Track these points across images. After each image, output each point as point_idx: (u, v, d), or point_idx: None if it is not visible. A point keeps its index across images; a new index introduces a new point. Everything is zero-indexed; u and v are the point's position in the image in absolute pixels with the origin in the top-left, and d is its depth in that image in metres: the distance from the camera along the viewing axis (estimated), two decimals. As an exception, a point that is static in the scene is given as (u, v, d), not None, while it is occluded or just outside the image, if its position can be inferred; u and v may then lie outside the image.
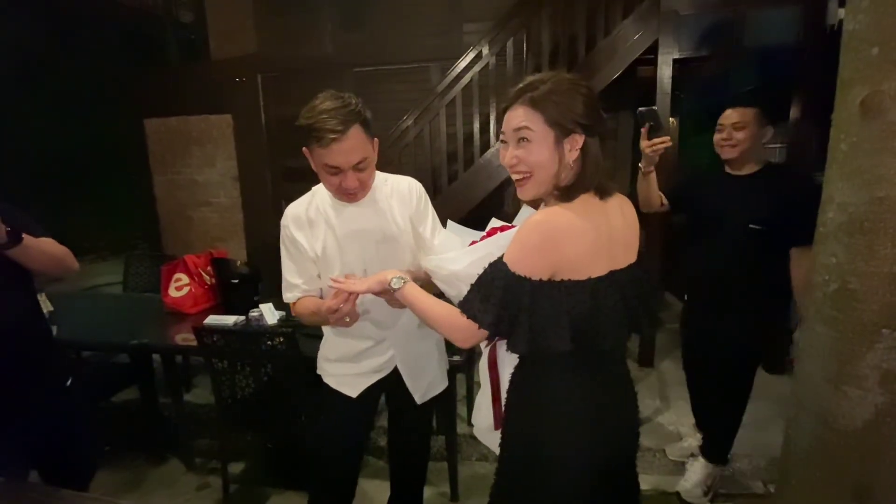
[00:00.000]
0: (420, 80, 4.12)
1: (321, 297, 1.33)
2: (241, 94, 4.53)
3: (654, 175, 1.84)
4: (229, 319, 2.15)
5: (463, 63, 3.36)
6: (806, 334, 1.41)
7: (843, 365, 1.24)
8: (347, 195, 1.21)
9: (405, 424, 1.54)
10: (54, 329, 1.72)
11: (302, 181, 1.45)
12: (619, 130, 4.11)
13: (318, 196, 1.31)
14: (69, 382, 1.44)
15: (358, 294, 1.09)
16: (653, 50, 3.04)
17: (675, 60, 2.98)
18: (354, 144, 1.12)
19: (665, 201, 1.97)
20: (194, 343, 1.90)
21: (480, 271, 0.92)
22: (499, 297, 0.87)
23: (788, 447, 1.50)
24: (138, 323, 2.39)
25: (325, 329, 1.43)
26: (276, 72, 4.41)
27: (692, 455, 2.28)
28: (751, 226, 1.72)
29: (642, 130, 1.71)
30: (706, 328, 1.95)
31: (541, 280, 0.87)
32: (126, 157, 5.14)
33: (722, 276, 1.82)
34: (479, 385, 1.16)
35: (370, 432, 1.60)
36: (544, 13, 3.27)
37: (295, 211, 1.31)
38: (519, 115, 0.92)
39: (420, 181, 1.43)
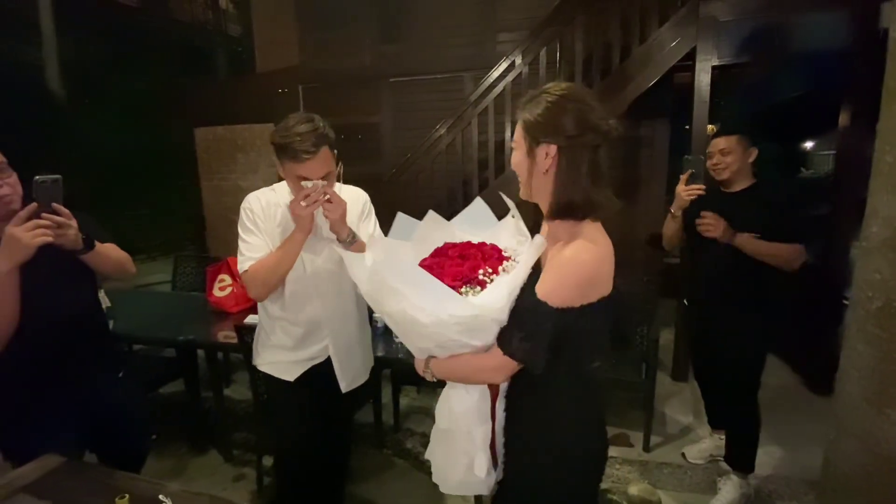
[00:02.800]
0: (453, 89, 4.20)
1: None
2: (284, 104, 4.75)
3: (680, 217, 2.02)
4: (267, 319, 2.26)
5: (496, 73, 3.40)
6: (847, 353, 1.36)
7: (886, 386, 1.20)
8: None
9: (328, 413, 1.59)
10: (111, 323, 1.87)
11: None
12: (655, 139, 4.04)
13: (279, 192, 1.47)
14: (121, 374, 1.56)
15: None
16: (690, 57, 2.99)
17: (713, 67, 2.91)
18: (323, 162, 1.31)
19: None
20: (235, 340, 2.02)
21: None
22: (547, 331, 0.90)
23: (828, 471, 1.45)
24: (185, 320, 2.54)
25: (261, 316, 1.54)
26: (317, 83, 4.60)
27: (711, 456, 2.35)
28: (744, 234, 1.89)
29: (682, 176, 1.93)
30: (709, 329, 2.10)
31: (581, 306, 0.91)
32: (177, 164, 5.49)
33: (722, 281, 1.97)
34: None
35: (322, 420, 1.58)
36: (578, 21, 3.27)
37: (257, 196, 1.47)
38: (517, 129, 1.01)
39: (451, 188, 1.54)
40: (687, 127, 3.08)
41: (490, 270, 0.96)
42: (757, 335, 1.97)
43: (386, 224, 1.44)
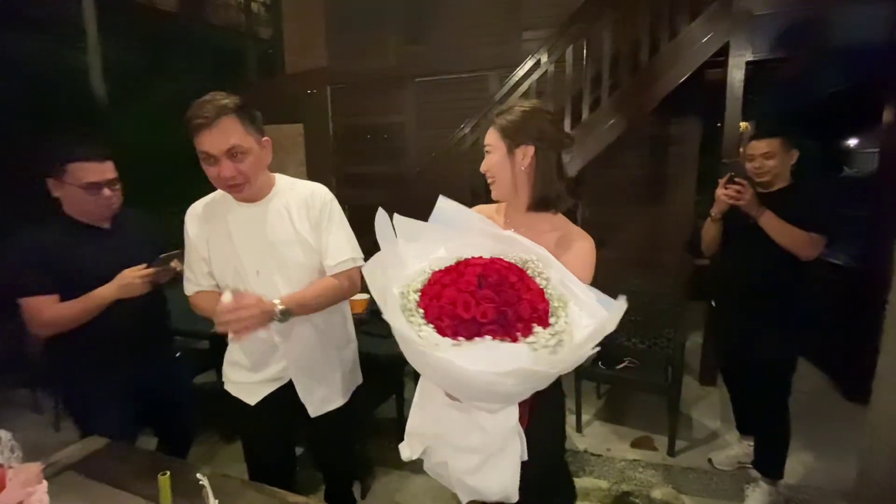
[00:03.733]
0: (479, 88, 4.20)
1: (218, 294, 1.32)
2: (312, 105, 4.86)
3: (720, 221, 1.99)
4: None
5: (521, 71, 3.39)
6: (884, 359, 1.31)
7: (923, 393, 1.15)
8: (229, 187, 1.21)
9: (315, 432, 1.47)
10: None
11: (362, 186, 1.57)
12: (685, 137, 3.93)
13: (220, 195, 1.33)
14: (178, 354, 1.83)
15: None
16: (723, 52, 2.90)
17: (747, 63, 2.82)
18: (224, 132, 1.15)
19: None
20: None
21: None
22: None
23: (862, 482, 1.40)
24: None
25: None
26: (344, 83, 4.68)
27: (739, 463, 2.29)
28: None
29: (720, 180, 1.90)
30: (738, 332, 2.04)
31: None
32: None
33: (753, 282, 1.93)
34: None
35: (294, 441, 1.54)
36: (606, 18, 3.22)
37: (193, 207, 1.36)
38: (489, 133, 1.14)
39: (476, 187, 1.48)
40: (719, 125, 3.00)
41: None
42: (788, 338, 1.92)
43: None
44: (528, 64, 3.36)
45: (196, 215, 1.35)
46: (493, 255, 0.92)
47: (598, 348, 0.83)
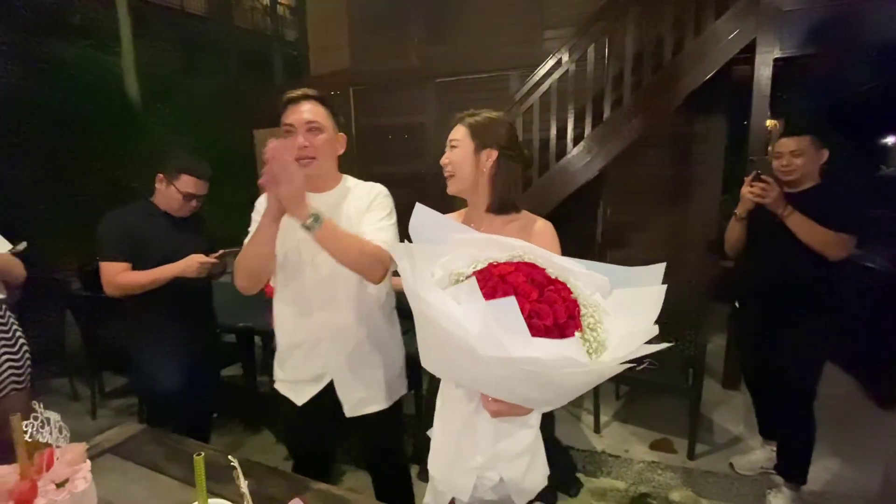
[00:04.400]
0: (500, 88, 4.21)
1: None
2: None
3: (745, 220, 1.97)
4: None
5: (542, 71, 3.38)
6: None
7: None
8: (300, 159, 1.26)
9: (361, 434, 1.48)
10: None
11: (384, 185, 1.59)
12: (710, 136, 3.86)
13: None
14: (218, 331, 2.20)
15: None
16: (750, 49, 2.84)
17: (775, 60, 2.75)
18: (308, 109, 1.30)
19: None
20: (288, 328, 2.16)
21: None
22: None
23: (888, 491, 1.37)
24: (243, 308, 2.73)
25: (276, 325, 1.43)
26: (366, 85, 4.76)
27: (762, 468, 2.24)
28: None
29: (747, 178, 1.87)
30: (762, 334, 2.00)
31: None
32: (237, 164, 5.85)
33: (780, 283, 1.89)
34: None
35: (336, 443, 1.55)
36: (629, 16, 3.19)
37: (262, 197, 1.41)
38: (455, 130, 1.22)
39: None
40: (745, 123, 2.94)
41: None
42: (815, 342, 1.88)
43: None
44: (550, 63, 3.35)
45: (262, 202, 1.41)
46: (477, 260, 0.93)
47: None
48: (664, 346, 0.83)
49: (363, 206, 1.36)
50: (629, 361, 0.81)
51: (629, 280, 0.94)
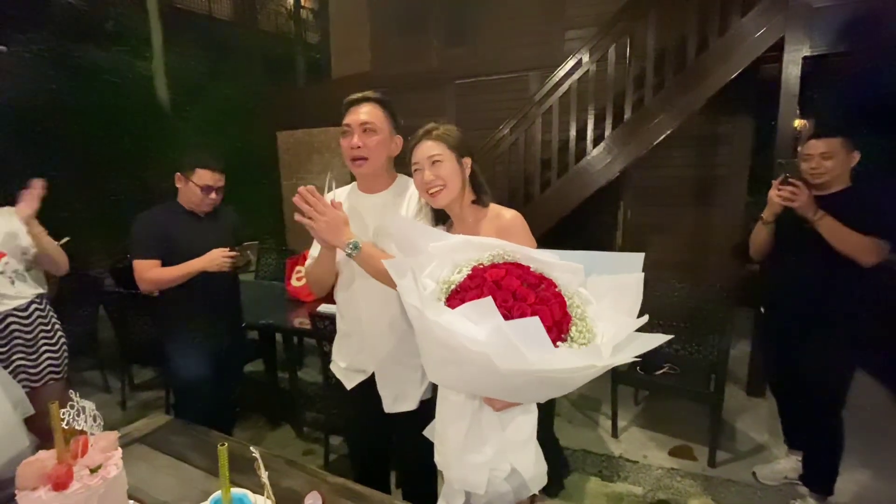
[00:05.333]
0: (519, 89, 4.20)
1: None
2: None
3: (772, 224, 1.93)
4: (337, 309, 2.45)
5: (562, 71, 3.36)
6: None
7: None
8: (354, 160, 1.35)
9: (397, 428, 1.51)
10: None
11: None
12: (736, 136, 3.77)
13: (349, 189, 1.50)
14: (244, 325, 2.26)
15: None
16: (778, 47, 2.77)
17: (805, 58, 2.68)
18: (366, 111, 1.35)
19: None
20: (308, 327, 2.21)
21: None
22: None
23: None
24: (265, 306, 2.81)
25: (337, 316, 1.53)
26: (386, 87, 4.79)
27: (786, 478, 2.19)
28: None
29: (775, 181, 1.83)
30: (789, 340, 1.96)
31: None
32: (262, 165, 5.99)
33: (808, 287, 1.85)
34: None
35: (379, 430, 1.56)
36: (652, 15, 3.14)
37: (333, 195, 1.46)
38: (429, 146, 1.25)
39: (512, 189, 1.51)
40: (773, 123, 2.86)
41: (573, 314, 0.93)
42: (844, 348, 1.83)
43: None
44: (570, 63, 3.33)
45: (333, 197, 1.46)
46: (459, 264, 0.99)
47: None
48: (666, 338, 0.88)
49: (416, 209, 1.41)
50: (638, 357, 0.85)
51: (608, 266, 1.00)
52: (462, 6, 4.48)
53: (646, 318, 0.92)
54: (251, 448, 0.90)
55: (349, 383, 1.48)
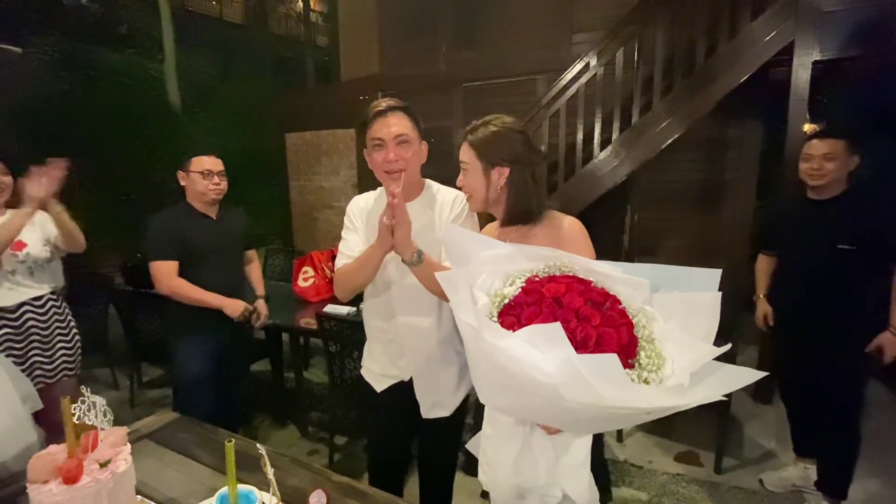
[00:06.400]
0: (527, 92, 4.20)
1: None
2: (364, 111, 5.06)
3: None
4: (344, 310, 2.44)
5: (569, 75, 3.36)
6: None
7: None
8: (389, 173, 1.31)
9: (424, 431, 1.51)
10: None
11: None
12: (745, 141, 3.74)
13: (378, 195, 1.47)
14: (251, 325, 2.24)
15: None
16: (788, 51, 2.75)
17: (814, 62, 2.66)
18: (396, 122, 1.31)
19: None
20: (315, 327, 2.23)
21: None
22: None
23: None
24: (272, 306, 2.81)
25: (366, 323, 1.53)
26: (394, 90, 4.83)
27: (793, 486, 2.16)
28: (839, 246, 1.75)
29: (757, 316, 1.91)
30: (801, 348, 1.94)
31: None
32: (270, 166, 6.04)
33: (817, 297, 1.84)
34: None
35: (406, 435, 1.58)
36: (660, 19, 3.14)
37: (359, 200, 1.48)
38: (463, 151, 1.19)
39: None
40: (782, 127, 2.84)
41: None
42: (859, 352, 1.80)
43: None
44: (577, 67, 3.33)
45: (363, 207, 1.46)
46: (511, 275, 0.90)
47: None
48: (760, 374, 0.76)
49: (454, 213, 1.40)
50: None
51: (678, 282, 0.87)
52: (470, 10, 4.49)
53: (728, 346, 0.79)
54: (257, 445, 0.91)
55: (380, 386, 1.47)
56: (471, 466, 1.22)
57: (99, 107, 5.43)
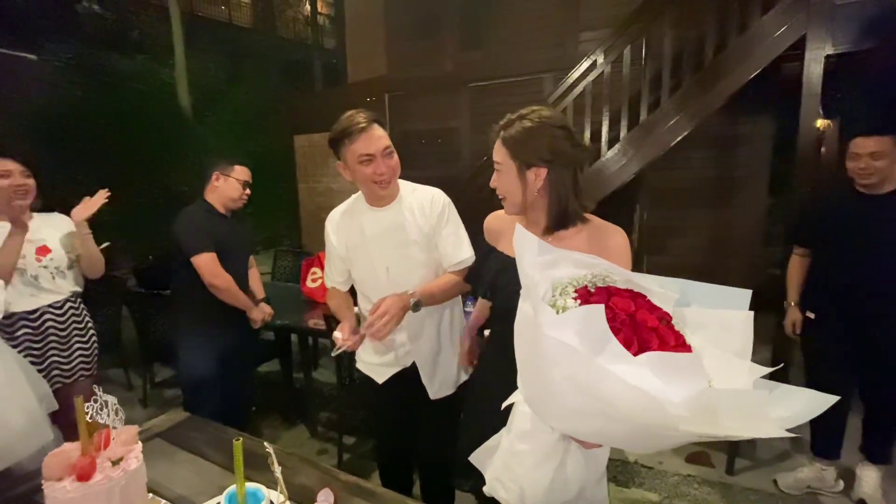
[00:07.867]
0: (533, 91, 4.19)
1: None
2: (372, 112, 5.09)
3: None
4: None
5: (576, 73, 3.34)
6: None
7: None
8: (381, 183, 1.35)
9: (424, 419, 1.56)
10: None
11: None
12: (755, 136, 3.69)
13: (356, 201, 1.51)
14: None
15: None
16: (800, 45, 2.71)
17: (827, 56, 2.61)
18: (380, 134, 1.34)
19: None
20: (323, 327, 2.24)
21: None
22: None
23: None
24: (281, 307, 2.83)
25: (361, 315, 1.57)
26: (401, 91, 4.85)
27: (809, 487, 2.12)
28: None
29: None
30: (845, 344, 1.91)
31: None
32: (278, 168, 6.09)
33: (867, 293, 1.78)
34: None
35: (411, 423, 1.61)
36: (668, 15, 3.11)
37: (333, 214, 1.53)
38: (496, 149, 1.08)
39: None
40: (794, 123, 2.79)
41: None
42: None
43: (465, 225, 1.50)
44: (584, 65, 3.31)
45: (335, 222, 1.53)
46: (558, 284, 0.81)
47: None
48: (833, 399, 0.72)
49: (432, 215, 1.43)
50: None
51: (705, 299, 0.84)
52: (476, 10, 4.49)
53: (780, 365, 0.76)
54: (265, 444, 0.92)
55: (381, 377, 1.51)
56: (464, 480, 1.21)
57: (112, 111, 5.53)
